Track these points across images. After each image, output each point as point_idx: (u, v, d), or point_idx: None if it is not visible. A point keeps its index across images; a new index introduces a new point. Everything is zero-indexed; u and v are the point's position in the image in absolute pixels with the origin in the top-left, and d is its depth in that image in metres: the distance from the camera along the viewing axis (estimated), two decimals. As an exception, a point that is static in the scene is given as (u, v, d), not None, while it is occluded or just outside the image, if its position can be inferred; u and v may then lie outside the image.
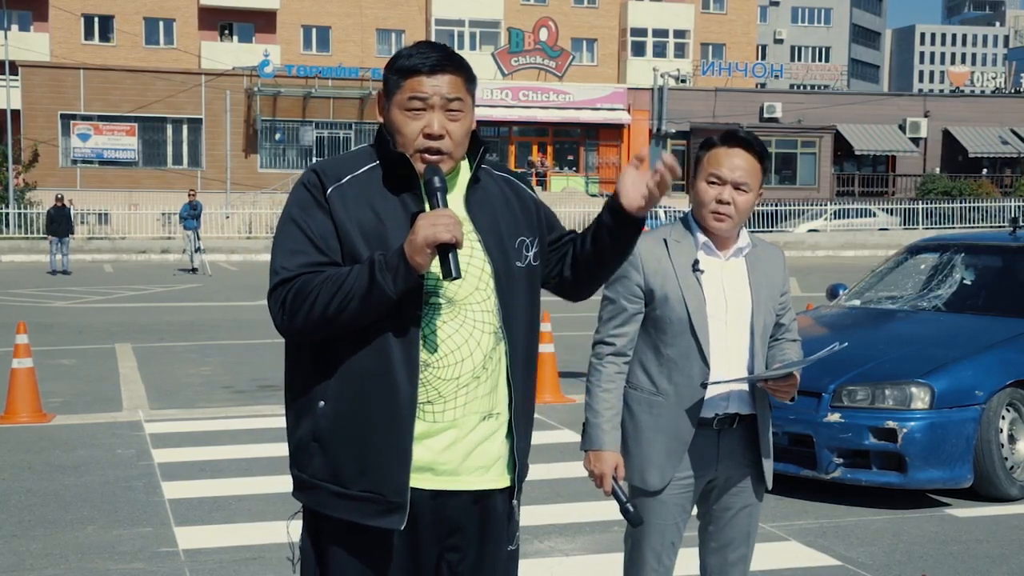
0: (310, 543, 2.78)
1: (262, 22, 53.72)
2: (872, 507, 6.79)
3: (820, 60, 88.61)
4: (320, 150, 45.84)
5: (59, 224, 27.85)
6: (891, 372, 6.92)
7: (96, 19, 51.97)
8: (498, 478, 2.77)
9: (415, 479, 2.67)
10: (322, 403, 2.69)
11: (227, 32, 53.63)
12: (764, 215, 40.58)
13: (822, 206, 43.11)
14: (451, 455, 2.70)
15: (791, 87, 65.90)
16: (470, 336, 2.69)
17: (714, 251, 3.58)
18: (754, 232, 3.72)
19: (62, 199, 29.36)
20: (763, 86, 58.22)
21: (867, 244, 37.77)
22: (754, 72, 54.86)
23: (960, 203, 43.53)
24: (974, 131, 51.21)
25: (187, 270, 28.46)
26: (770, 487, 3.67)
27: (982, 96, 57.18)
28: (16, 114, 40.73)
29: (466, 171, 2.80)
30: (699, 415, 3.52)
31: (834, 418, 6.80)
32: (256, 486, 7.26)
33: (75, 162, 43.95)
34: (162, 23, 52.53)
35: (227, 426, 9.21)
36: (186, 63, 50.13)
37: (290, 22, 53.90)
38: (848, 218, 41.75)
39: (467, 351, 2.69)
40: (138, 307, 19.83)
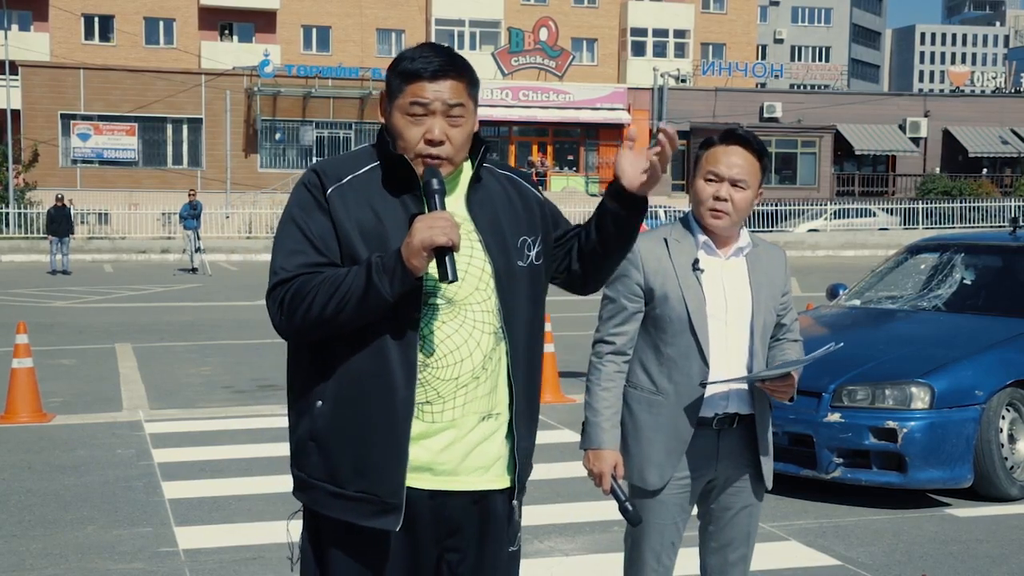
0: (309, 542, 2.78)
1: (262, 22, 53.73)
2: (872, 507, 6.79)
3: (820, 60, 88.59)
4: (320, 150, 45.84)
5: (59, 224, 27.85)
6: (891, 372, 6.91)
7: (96, 19, 51.98)
8: (497, 478, 2.76)
9: (413, 479, 2.66)
10: (320, 403, 2.68)
11: (227, 32, 53.64)
12: (764, 215, 40.57)
13: (822, 206, 43.11)
14: (450, 455, 2.69)
15: (791, 87, 65.89)
16: (470, 336, 2.68)
17: (714, 250, 3.58)
18: (754, 232, 3.71)
19: (62, 199, 29.36)
20: (763, 86, 58.22)
21: (867, 244, 37.77)
22: (754, 72, 54.87)
23: (960, 203, 43.53)
24: (974, 131, 51.21)
25: (187, 270, 28.46)
26: (770, 487, 3.67)
27: (982, 96, 57.18)
28: (16, 114, 40.73)
29: (468, 170, 2.79)
30: (698, 414, 3.52)
31: (834, 418, 6.80)
32: (256, 486, 7.26)
33: (75, 162, 43.96)
34: (162, 23, 52.54)
35: (227, 426, 9.21)
36: (186, 63, 50.13)
37: (290, 22, 53.91)
38: (848, 218, 41.74)
39: (466, 351, 2.68)
40: (138, 307, 19.83)
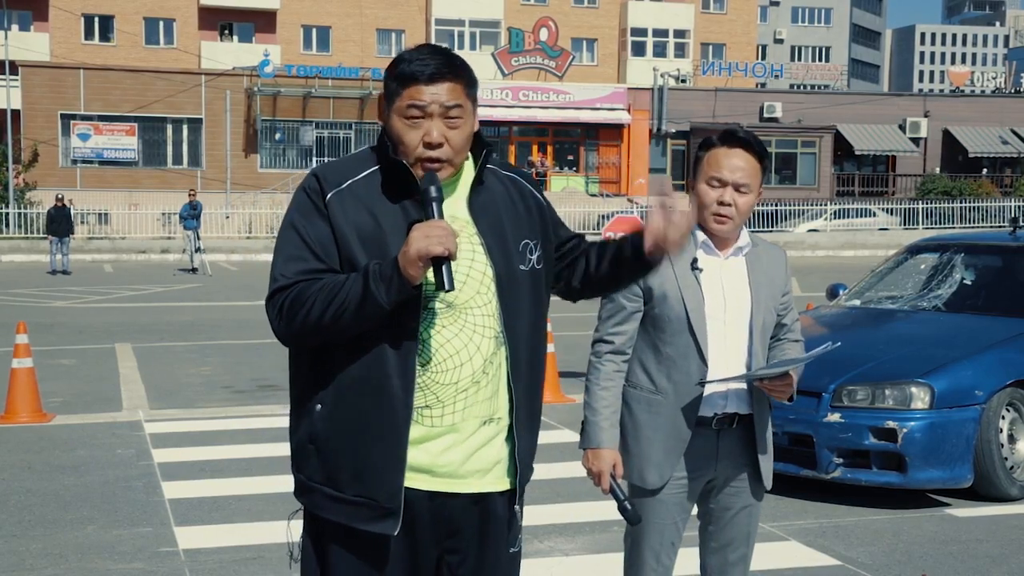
0: (311, 543, 2.78)
1: (262, 22, 53.73)
2: (872, 507, 6.79)
3: (820, 60, 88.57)
4: (320, 150, 45.84)
5: (59, 224, 27.85)
6: (891, 372, 6.91)
7: (96, 19, 51.98)
8: (497, 481, 2.76)
9: (413, 480, 2.66)
10: (319, 406, 2.68)
11: (227, 32, 53.63)
12: (764, 215, 40.57)
13: (822, 206, 43.09)
14: (449, 458, 2.69)
15: (791, 87, 65.89)
16: (469, 341, 2.67)
17: (713, 250, 3.57)
18: (754, 232, 3.70)
19: (62, 199, 29.35)
20: (763, 86, 58.21)
21: (867, 244, 37.76)
22: (754, 72, 54.86)
23: (960, 203, 43.52)
24: (974, 131, 51.21)
25: (187, 270, 28.46)
26: (770, 487, 3.67)
27: (982, 96, 57.15)
28: (16, 114, 40.73)
29: (470, 172, 2.77)
30: (697, 414, 3.52)
31: (834, 418, 6.80)
32: (256, 486, 7.26)
33: (75, 162, 43.96)
34: (162, 23, 52.54)
35: (227, 426, 9.21)
36: (186, 63, 50.13)
37: (290, 22, 53.91)
38: (848, 218, 41.73)
39: (466, 356, 2.67)
40: (138, 307, 19.83)
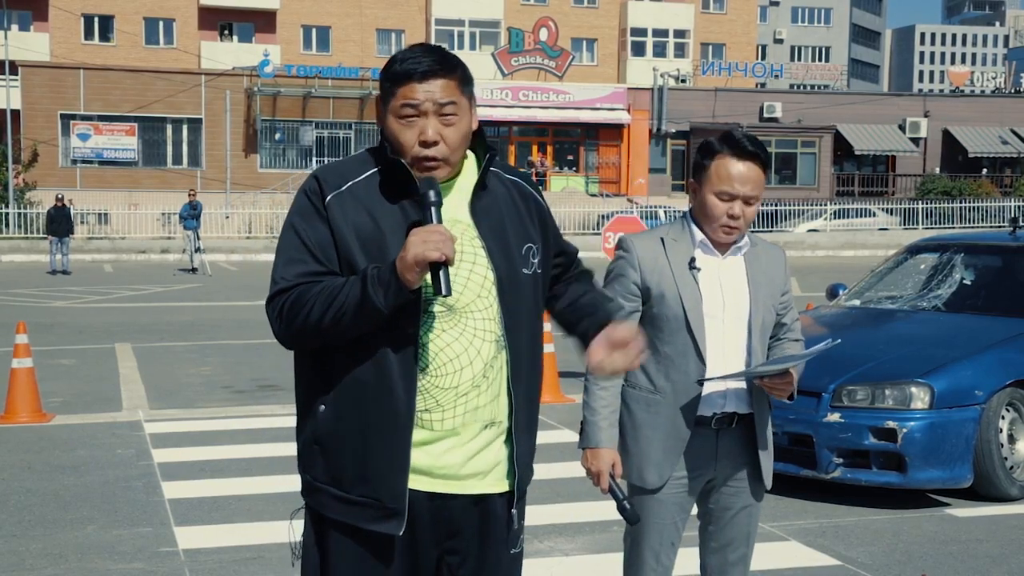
0: (313, 542, 2.78)
1: (262, 22, 53.74)
2: (872, 507, 6.79)
3: (820, 60, 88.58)
4: (320, 150, 45.86)
5: (59, 224, 27.85)
6: (891, 372, 6.91)
7: (96, 19, 51.99)
8: (497, 483, 2.76)
9: (413, 481, 2.67)
10: (323, 407, 2.69)
11: (227, 32, 53.64)
12: (764, 215, 40.56)
13: (822, 206, 43.10)
14: (449, 460, 2.69)
15: (791, 87, 65.90)
16: (470, 345, 2.67)
17: (711, 250, 3.57)
18: (754, 232, 3.70)
19: (62, 199, 29.35)
20: (763, 86, 58.23)
21: (867, 244, 37.76)
22: (754, 72, 54.87)
23: (960, 203, 43.53)
24: (974, 131, 51.22)
25: (187, 270, 28.46)
26: (770, 487, 3.67)
27: (982, 96, 57.16)
28: (16, 114, 40.74)
29: (473, 174, 2.77)
30: (696, 413, 3.52)
31: (834, 418, 6.80)
32: (256, 486, 7.26)
33: (75, 162, 43.97)
34: (162, 23, 52.55)
35: (227, 426, 9.21)
36: (186, 63, 50.15)
37: (290, 22, 53.92)
38: (848, 218, 41.74)
39: (466, 360, 2.66)
40: (138, 307, 19.83)
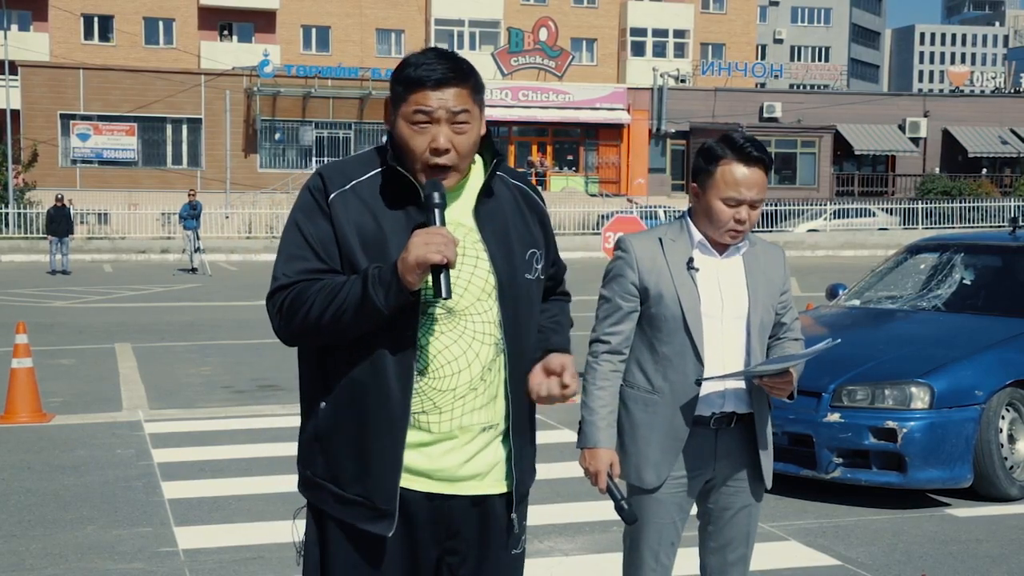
0: (314, 539, 2.79)
1: (262, 22, 53.73)
2: (872, 507, 6.79)
3: (820, 60, 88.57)
4: (320, 150, 45.85)
5: (59, 224, 27.84)
6: (891, 372, 6.91)
7: (96, 19, 51.99)
8: (496, 484, 2.76)
9: (411, 481, 2.67)
10: (323, 405, 2.70)
11: (227, 32, 53.64)
12: (764, 215, 40.54)
13: (822, 206, 43.10)
14: (447, 462, 2.69)
15: (791, 87, 65.90)
16: (468, 347, 2.67)
17: (710, 250, 3.57)
18: (754, 232, 3.70)
19: (62, 199, 29.34)
20: (763, 86, 58.23)
21: (867, 244, 37.76)
22: (754, 72, 54.88)
23: (960, 203, 43.53)
24: (974, 131, 51.22)
25: (187, 270, 28.46)
26: (769, 486, 3.66)
27: (982, 96, 57.16)
28: (16, 114, 40.73)
29: (478, 178, 2.76)
30: (695, 413, 3.52)
31: (834, 418, 6.80)
32: (256, 486, 7.26)
33: (75, 162, 43.97)
34: (162, 23, 52.55)
35: (227, 426, 9.21)
36: (186, 63, 50.15)
37: (290, 22, 53.91)
38: (848, 218, 41.74)
39: (464, 362, 2.66)
40: (138, 307, 19.83)
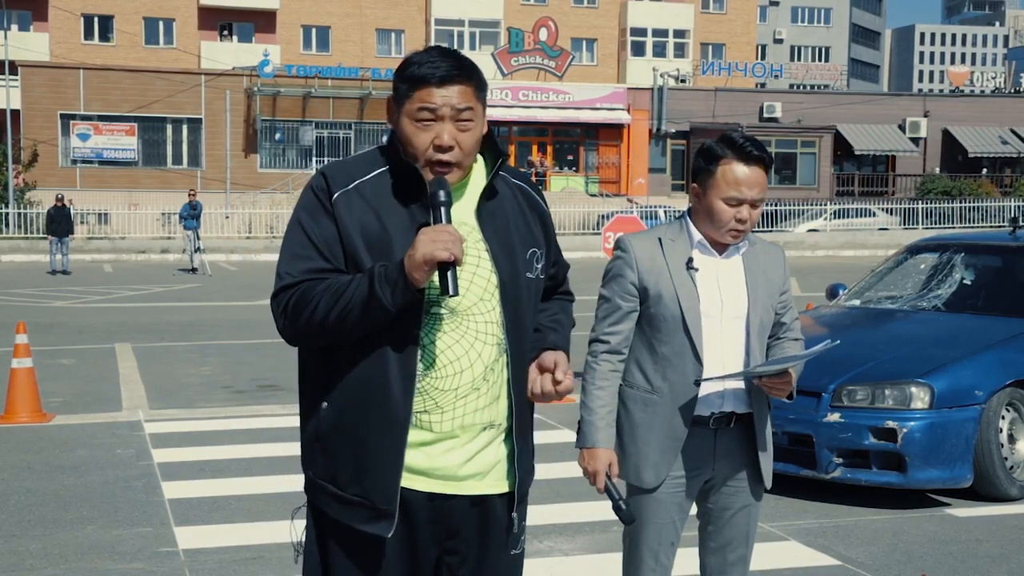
0: (314, 539, 2.79)
1: (262, 22, 53.73)
2: (872, 507, 6.79)
3: (820, 60, 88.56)
4: (320, 150, 45.85)
5: (59, 224, 27.84)
6: (891, 372, 6.91)
7: (96, 19, 51.98)
8: (496, 484, 2.76)
9: (412, 481, 2.67)
10: (324, 405, 2.70)
11: (227, 32, 53.63)
12: (764, 215, 40.52)
13: (822, 206, 43.10)
14: (447, 461, 2.70)
15: (791, 87, 65.90)
16: (471, 347, 2.67)
17: (710, 250, 3.57)
18: (754, 232, 3.70)
19: (62, 199, 29.33)
20: (763, 86, 58.22)
21: (867, 244, 37.76)
22: (754, 72, 54.87)
23: (960, 203, 43.53)
24: (974, 131, 51.21)
25: (187, 270, 28.46)
26: (769, 487, 3.66)
27: (982, 96, 57.17)
28: (16, 114, 40.73)
29: (481, 177, 2.77)
30: (693, 413, 3.52)
31: (834, 418, 6.80)
32: (256, 486, 7.26)
33: (75, 162, 43.97)
34: (162, 23, 52.54)
35: (227, 426, 9.21)
36: (186, 63, 50.14)
37: (290, 22, 53.91)
38: (848, 218, 41.74)
39: (467, 362, 2.67)
40: (138, 307, 19.83)
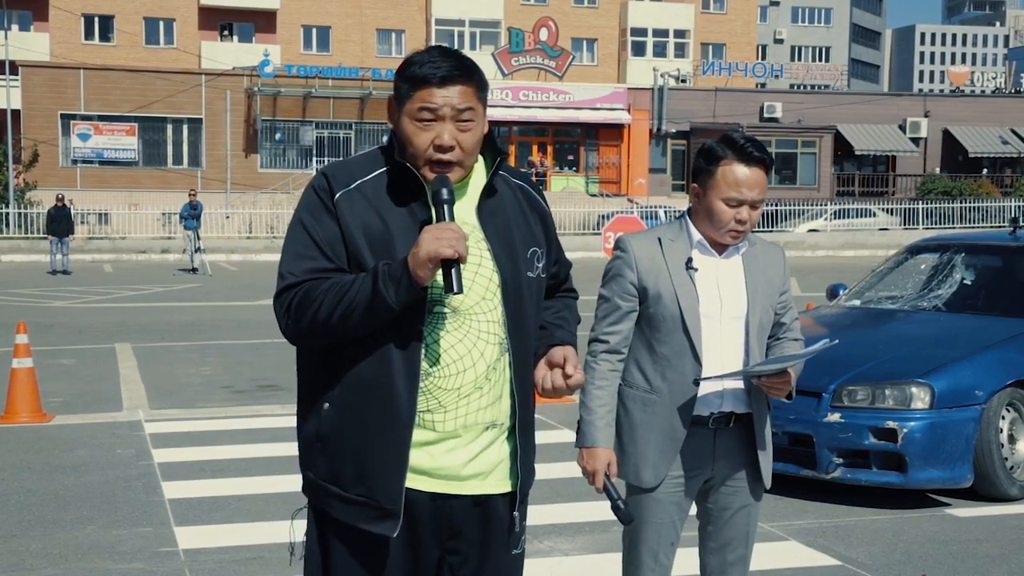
0: (315, 540, 2.79)
1: (262, 22, 53.73)
2: (872, 507, 6.79)
3: (820, 60, 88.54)
4: (320, 150, 45.85)
5: (59, 224, 27.84)
6: (891, 372, 6.91)
7: (96, 19, 51.98)
8: (498, 483, 2.76)
9: (414, 481, 2.67)
10: (327, 405, 2.70)
11: (227, 32, 53.63)
12: (764, 215, 40.50)
13: (822, 206, 43.10)
14: (450, 461, 2.70)
15: (791, 87, 65.88)
16: (473, 346, 2.68)
17: (709, 250, 3.57)
18: (754, 232, 3.70)
19: (62, 199, 29.33)
20: (763, 86, 58.22)
21: (867, 244, 37.76)
22: (754, 72, 54.87)
23: (960, 203, 43.52)
24: (974, 131, 51.21)
25: (187, 270, 28.46)
26: (769, 486, 3.66)
27: (982, 96, 57.17)
28: (16, 114, 40.72)
29: (481, 176, 2.77)
30: (692, 413, 3.52)
31: (834, 418, 6.80)
32: (256, 486, 7.26)
33: (75, 162, 43.97)
34: (162, 23, 52.54)
35: (227, 426, 9.21)
36: (186, 63, 50.14)
37: (290, 22, 53.91)
38: (848, 218, 41.74)
39: (470, 361, 2.67)
40: (138, 307, 19.83)
